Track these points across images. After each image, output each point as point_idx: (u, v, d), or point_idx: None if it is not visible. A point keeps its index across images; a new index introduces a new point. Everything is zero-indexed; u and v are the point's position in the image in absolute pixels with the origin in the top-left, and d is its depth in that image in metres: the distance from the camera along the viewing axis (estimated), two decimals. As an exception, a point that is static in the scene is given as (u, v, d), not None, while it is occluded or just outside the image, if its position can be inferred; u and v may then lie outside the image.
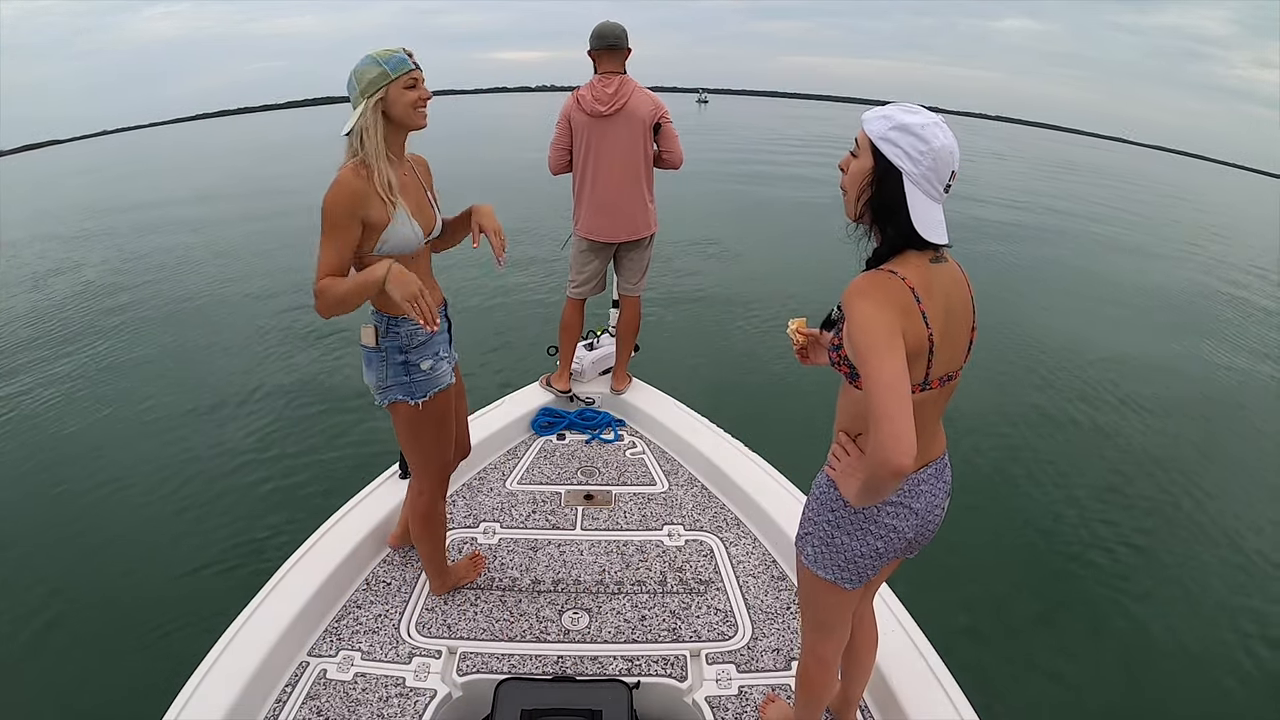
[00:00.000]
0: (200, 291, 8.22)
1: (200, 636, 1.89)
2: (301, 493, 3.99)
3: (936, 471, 1.34)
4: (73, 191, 21.37)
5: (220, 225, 12.55)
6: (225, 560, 3.41)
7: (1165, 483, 4.39)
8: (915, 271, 1.18)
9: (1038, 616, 3.20)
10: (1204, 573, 3.55)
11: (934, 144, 1.13)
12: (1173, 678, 2.92)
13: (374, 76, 1.65)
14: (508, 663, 1.95)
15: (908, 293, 1.15)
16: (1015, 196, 18.37)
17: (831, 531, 1.34)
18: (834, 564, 1.35)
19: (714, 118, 58.32)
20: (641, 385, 3.32)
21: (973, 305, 1.27)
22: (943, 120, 1.15)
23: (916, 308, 1.15)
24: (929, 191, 1.16)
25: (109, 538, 3.64)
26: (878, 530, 1.31)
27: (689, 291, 7.84)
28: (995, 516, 3.91)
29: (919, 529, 1.34)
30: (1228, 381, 6.31)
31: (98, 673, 2.78)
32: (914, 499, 1.31)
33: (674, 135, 2.94)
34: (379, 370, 1.84)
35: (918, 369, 1.18)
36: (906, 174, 1.15)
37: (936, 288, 1.19)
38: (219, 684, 1.73)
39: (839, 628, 1.49)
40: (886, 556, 1.34)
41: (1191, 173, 56.40)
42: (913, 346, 1.15)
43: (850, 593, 1.39)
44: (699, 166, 19.07)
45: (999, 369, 5.97)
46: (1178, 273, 10.99)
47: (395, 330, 1.80)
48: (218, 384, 5.55)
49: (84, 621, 3.05)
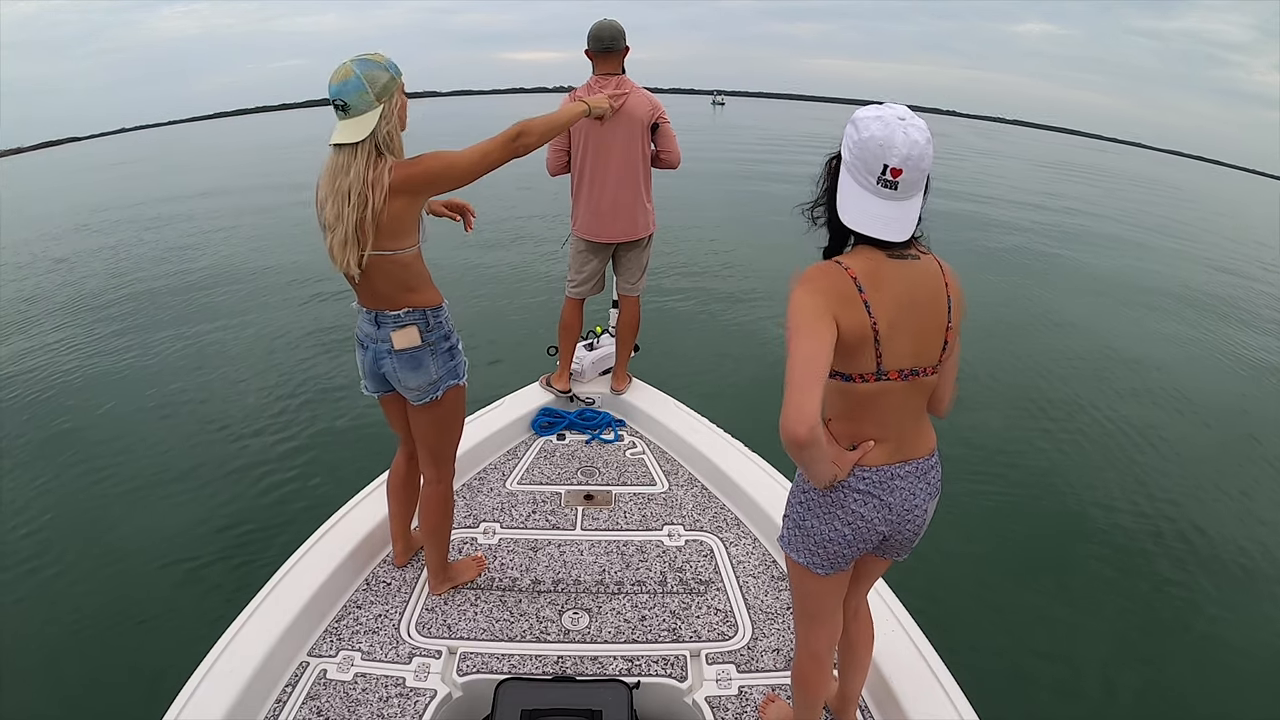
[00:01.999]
0: (209, 292, 8.21)
1: (200, 636, 1.89)
2: (301, 493, 3.99)
3: (918, 471, 1.35)
4: (94, 188, 21.48)
5: (241, 219, 12.58)
6: (225, 560, 3.41)
7: (1177, 483, 4.36)
8: (862, 262, 1.22)
9: (1038, 616, 3.20)
10: (1216, 575, 3.54)
11: (864, 134, 1.18)
12: (1172, 678, 2.92)
13: (385, 81, 1.66)
14: (508, 663, 1.95)
15: (849, 281, 1.20)
16: (1042, 200, 18.14)
17: (802, 514, 1.39)
18: (805, 547, 1.39)
19: (731, 118, 58.12)
20: (641, 385, 3.33)
21: (948, 304, 1.27)
22: (914, 118, 1.18)
23: (858, 296, 1.20)
24: (859, 179, 1.20)
25: (108, 537, 3.64)
26: (845, 515, 1.33)
27: (690, 291, 7.85)
28: (996, 516, 3.90)
29: (894, 524, 1.35)
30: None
31: (97, 673, 2.78)
32: (887, 492, 1.32)
33: (672, 135, 2.95)
34: (431, 365, 1.86)
35: (865, 357, 1.23)
36: (844, 162, 1.22)
37: (888, 279, 1.22)
38: (219, 684, 1.73)
39: (825, 618, 1.51)
40: (857, 545, 1.36)
41: (1217, 179, 55.30)
42: (852, 334, 1.20)
43: (827, 580, 1.41)
44: (705, 166, 19.07)
45: (1009, 361, 5.97)
46: (1205, 273, 10.92)
47: (437, 320, 1.85)
48: (218, 383, 5.56)
49: (83, 621, 3.04)
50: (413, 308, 1.82)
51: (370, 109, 1.65)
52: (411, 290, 1.82)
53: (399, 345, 1.82)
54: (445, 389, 1.91)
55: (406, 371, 1.86)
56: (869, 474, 1.32)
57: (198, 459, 4.40)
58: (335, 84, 1.64)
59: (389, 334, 1.83)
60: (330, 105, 1.65)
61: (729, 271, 8.89)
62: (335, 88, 1.64)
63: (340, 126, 1.65)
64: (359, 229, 1.66)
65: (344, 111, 1.65)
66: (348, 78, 1.63)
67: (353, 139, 1.64)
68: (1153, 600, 3.35)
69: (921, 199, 1.23)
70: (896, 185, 1.18)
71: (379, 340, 1.86)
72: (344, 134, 1.65)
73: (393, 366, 1.87)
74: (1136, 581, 3.47)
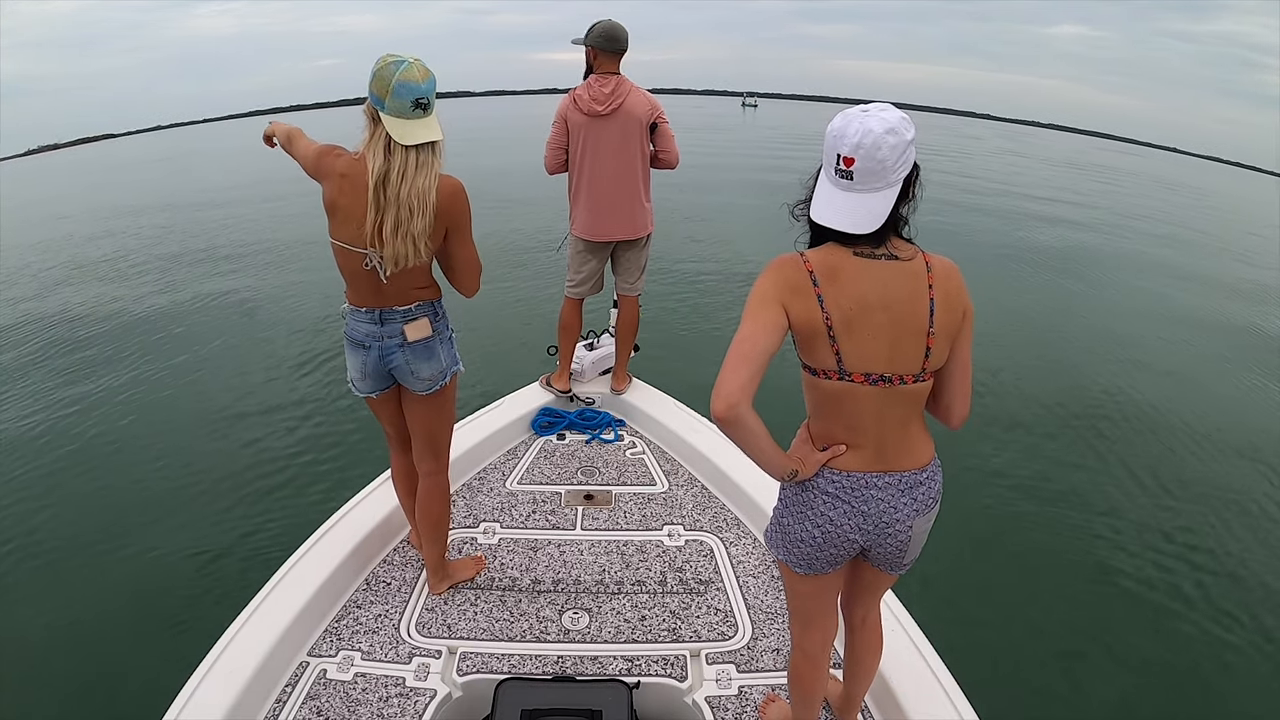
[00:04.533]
0: (224, 293, 8.19)
1: (200, 636, 1.89)
2: (301, 492, 3.99)
3: (902, 484, 1.31)
4: (136, 185, 21.49)
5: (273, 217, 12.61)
6: (225, 560, 3.41)
7: (1185, 488, 4.32)
8: (823, 256, 1.24)
9: (1039, 617, 3.20)
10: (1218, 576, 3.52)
11: (829, 127, 1.20)
12: (1173, 679, 2.91)
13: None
14: (508, 663, 1.95)
15: (804, 274, 1.22)
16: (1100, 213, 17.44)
17: (781, 510, 1.43)
18: (782, 543, 1.42)
19: (762, 119, 57.25)
20: (641, 385, 3.32)
21: (930, 310, 1.22)
22: (884, 110, 1.19)
23: (812, 289, 1.21)
24: (826, 173, 1.23)
25: (107, 538, 3.64)
26: (814, 518, 1.34)
27: (690, 291, 7.83)
28: (997, 517, 3.91)
29: (871, 535, 1.33)
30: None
31: (97, 673, 2.78)
32: (860, 500, 1.31)
33: (670, 135, 2.95)
34: (441, 354, 1.93)
35: (820, 351, 1.24)
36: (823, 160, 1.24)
37: (849, 276, 1.22)
38: (219, 684, 1.73)
39: (816, 619, 1.52)
40: (829, 549, 1.35)
41: (1251, 185, 53.27)
42: (803, 325, 1.22)
43: (811, 580, 1.42)
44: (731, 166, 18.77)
45: (1024, 360, 5.94)
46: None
47: (443, 310, 1.94)
48: (218, 382, 5.55)
49: (83, 621, 3.04)
50: (422, 301, 1.87)
51: (434, 109, 1.69)
52: (423, 286, 1.88)
53: (413, 337, 1.87)
54: (450, 375, 1.98)
55: (420, 362, 1.90)
56: (838, 477, 1.31)
57: (198, 459, 4.39)
58: (423, 82, 1.65)
59: (399, 328, 1.86)
60: (414, 104, 1.65)
61: (730, 270, 8.86)
62: (423, 86, 1.65)
63: (420, 124, 1.66)
64: (428, 232, 1.72)
65: (424, 111, 1.66)
66: (429, 77, 1.66)
67: (438, 136, 1.68)
68: (1154, 600, 3.35)
69: (893, 194, 1.20)
70: (851, 175, 1.18)
71: (386, 337, 1.87)
72: (428, 131, 1.67)
73: (405, 359, 1.89)
74: (1138, 583, 3.47)
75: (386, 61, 1.64)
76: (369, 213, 1.69)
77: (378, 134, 1.67)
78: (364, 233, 1.71)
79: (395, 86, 1.62)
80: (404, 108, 1.64)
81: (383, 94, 1.63)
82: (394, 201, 1.68)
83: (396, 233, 1.70)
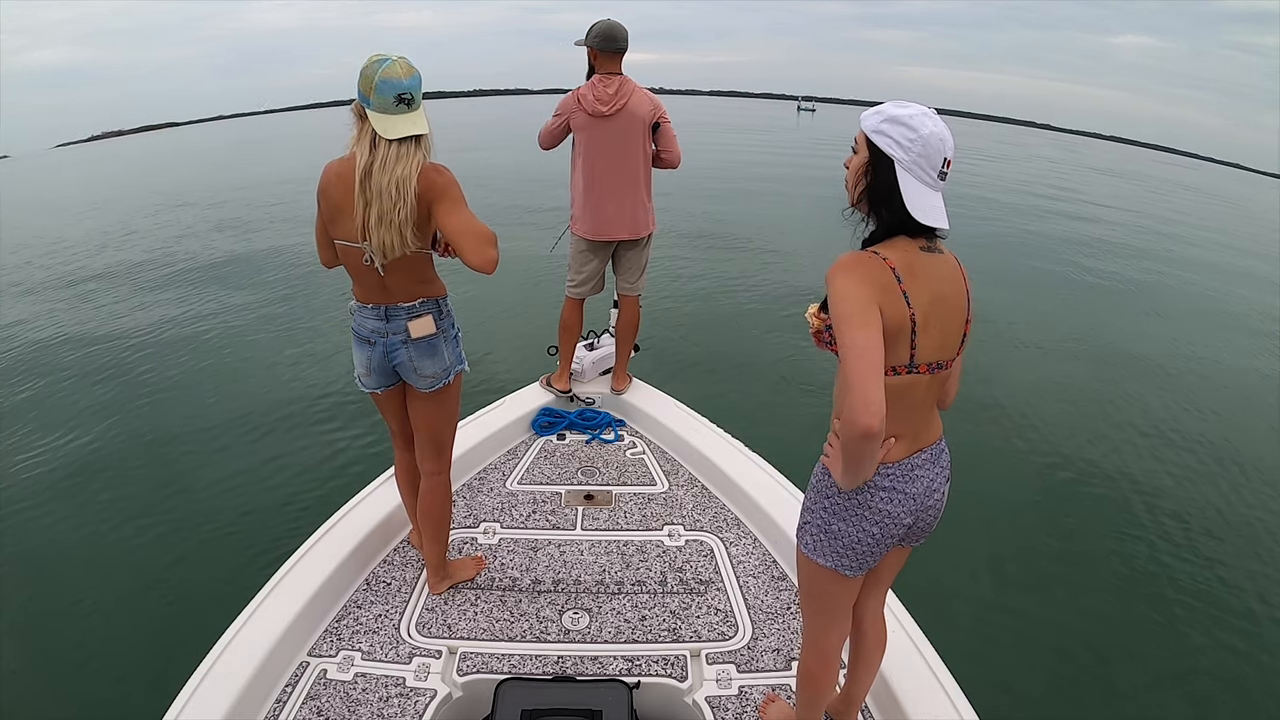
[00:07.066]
0: (225, 295, 8.21)
1: (200, 636, 1.89)
2: (301, 493, 3.99)
3: (932, 456, 1.37)
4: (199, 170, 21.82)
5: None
6: (225, 560, 3.41)
7: (1192, 487, 4.33)
8: (899, 254, 1.24)
9: (1039, 617, 3.20)
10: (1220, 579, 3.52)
11: (922, 131, 1.20)
12: (1174, 680, 2.91)
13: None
14: (508, 663, 1.95)
15: (888, 272, 1.21)
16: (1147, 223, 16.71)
17: (828, 519, 1.37)
18: (832, 551, 1.38)
19: (818, 124, 54.80)
20: (642, 385, 3.32)
21: (968, 299, 1.31)
22: (934, 110, 1.22)
23: (897, 287, 1.21)
24: (921, 177, 1.22)
25: (106, 538, 3.64)
26: (873, 516, 1.33)
27: (691, 291, 7.84)
28: (998, 517, 3.90)
29: (917, 514, 1.36)
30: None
31: (97, 673, 2.78)
32: (909, 483, 1.33)
33: (672, 135, 2.96)
34: (445, 351, 1.93)
35: (901, 349, 1.23)
36: (898, 161, 1.22)
37: (922, 272, 1.24)
38: (219, 684, 1.73)
39: (840, 618, 1.51)
40: (885, 542, 1.36)
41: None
42: (893, 324, 1.20)
43: (852, 580, 1.41)
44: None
45: (1032, 352, 5.90)
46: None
47: (447, 308, 1.94)
48: (219, 382, 5.55)
49: (82, 622, 3.04)
50: (426, 298, 1.89)
51: (420, 105, 1.72)
52: (425, 282, 1.89)
53: (416, 334, 1.88)
54: (455, 373, 1.98)
55: (424, 359, 1.91)
56: (892, 470, 1.32)
57: (198, 458, 4.39)
58: (405, 79, 1.68)
59: (403, 325, 1.87)
60: (397, 99, 1.67)
61: (730, 270, 8.87)
62: (407, 82, 1.68)
63: (404, 119, 1.70)
64: (411, 219, 1.72)
65: (409, 106, 1.70)
66: (413, 74, 1.70)
67: (422, 130, 1.71)
68: (1155, 601, 3.35)
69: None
70: (946, 175, 1.23)
71: (390, 333, 1.89)
72: (411, 125, 1.70)
73: (408, 356, 1.90)
74: (1139, 582, 3.47)
75: (371, 60, 1.69)
76: (356, 205, 1.73)
77: (364, 130, 1.71)
78: (356, 226, 1.75)
79: (378, 83, 1.66)
80: (387, 103, 1.68)
81: (367, 91, 1.68)
82: (378, 192, 1.71)
83: (381, 222, 1.72)
